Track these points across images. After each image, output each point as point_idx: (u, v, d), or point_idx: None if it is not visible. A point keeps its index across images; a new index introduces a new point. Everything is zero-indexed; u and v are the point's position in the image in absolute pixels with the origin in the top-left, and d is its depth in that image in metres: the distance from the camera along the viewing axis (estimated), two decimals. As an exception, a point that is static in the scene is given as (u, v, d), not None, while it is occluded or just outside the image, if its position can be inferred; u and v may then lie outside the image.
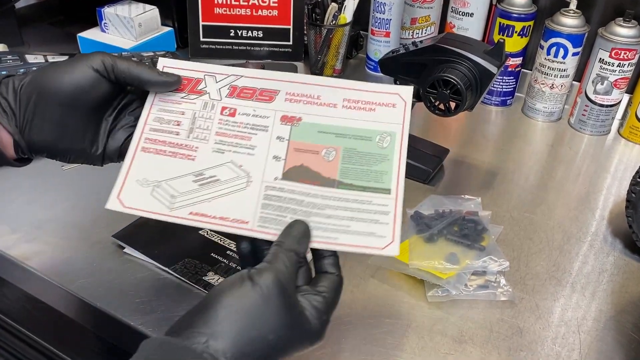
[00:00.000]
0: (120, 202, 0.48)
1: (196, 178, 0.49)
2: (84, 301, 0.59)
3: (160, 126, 0.51)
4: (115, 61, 0.48)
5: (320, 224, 0.47)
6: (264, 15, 1.08)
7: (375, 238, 0.47)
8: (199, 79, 0.52)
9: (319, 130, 0.51)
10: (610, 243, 0.71)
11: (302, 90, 0.52)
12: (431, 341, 0.57)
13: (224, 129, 0.51)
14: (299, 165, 0.50)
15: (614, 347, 0.57)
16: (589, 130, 0.94)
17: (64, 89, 0.46)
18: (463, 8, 0.95)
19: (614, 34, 0.85)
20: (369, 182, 0.49)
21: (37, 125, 0.47)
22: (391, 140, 0.51)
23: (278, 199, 0.48)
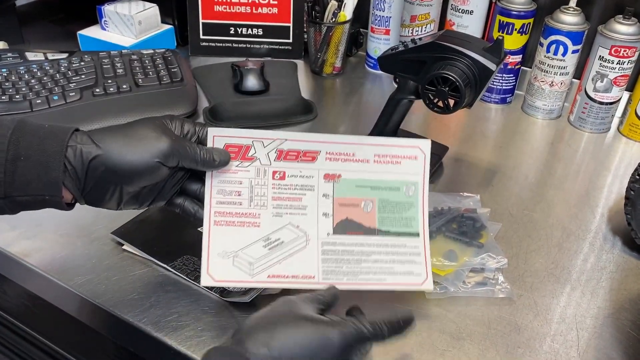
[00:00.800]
0: (211, 277, 0.54)
1: (265, 243, 0.55)
2: (83, 298, 0.60)
3: (224, 198, 0.56)
4: (181, 154, 0.51)
5: (370, 268, 0.56)
6: (264, 12, 1.08)
7: (414, 276, 0.56)
8: (248, 146, 0.56)
9: (356, 185, 0.58)
10: (609, 240, 0.71)
11: (339, 149, 0.58)
12: (429, 338, 0.57)
13: (277, 193, 0.56)
14: (344, 219, 0.57)
15: (612, 344, 0.57)
16: (589, 127, 0.94)
17: (129, 176, 0.50)
18: (463, 5, 0.95)
19: (614, 31, 0.85)
20: (402, 228, 0.57)
21: (97, 191, 0.50)
22: (415, 189, 0.58)
23: (333, 252, 0.56)
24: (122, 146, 0.50)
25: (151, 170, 0.50)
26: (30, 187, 0.47)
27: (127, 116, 0.83)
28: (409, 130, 0.85)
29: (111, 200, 0.51)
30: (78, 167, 0.48)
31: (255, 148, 0.56)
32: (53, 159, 0.47)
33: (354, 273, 0.56)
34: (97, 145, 0.49)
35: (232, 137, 0.56)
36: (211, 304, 0.59)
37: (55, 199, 0.48)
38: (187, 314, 0.57)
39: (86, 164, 0.48)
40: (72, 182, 0.49)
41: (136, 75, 0.90)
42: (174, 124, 0.54)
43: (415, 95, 0.75)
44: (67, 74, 0.88)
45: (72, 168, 0.48)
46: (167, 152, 0.50)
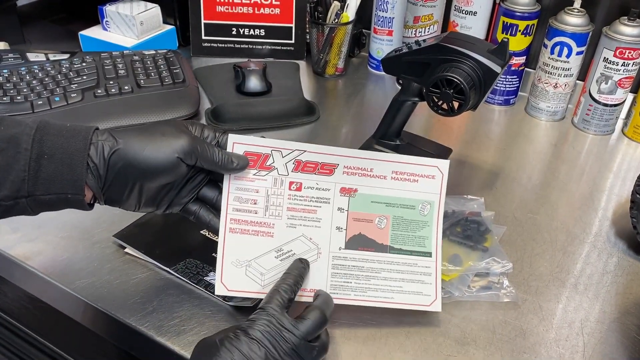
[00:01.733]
0: (225, 286, 0.54)
1: (277, 254, 0.55)
2: (85, 301, 0.59)
3: (240, 205, 0.55)
4: (200, 152, 0.51)
5: (378, 286, 0.56)
6: (266, 13, 1.07)
7: (423, 297, 0.56)
8: (267, 155, 0.56)
9: (372, 201, 0.57)
10: (614, 244, 0.70)
11: (357, 163, 0.57)
12: (434, 343, 0.56)
13: (293, 203, 0.56)
14: (357, 234, 0.57)
15: (617, 349, 0.57)
16: (593, 129, 0.94)
17: (147, 171, 0.50)
18: (466, 6, 0.95)
19: (619, 32, 0.85)
20: (414, 247, 0.57)
21: (116, 188, 0.50)
22: (430, 209, 0.58)
23: (343, 267, 0.56)
24: (142, 141, 0.50)
25: (171, 166, 0.50)
26: (53, 185, 0.48)
27: (129, 117, 0.83)
28: (412, 132, 0.85)
29: (130, 198, 0.51)
30: (100, 163, 0.49)
31: (274, 157, 0.56)
32: (76, 157, 0.48)
33: (362, 289, 0.56)
34: (117, 140, 0.49)
35: (251, 145, 0.55)
36: (214, 308, 0.58)
37: (77, 198, 0.49)
38: (189, 318, 0.57)
39: (107, 159, 0.49)
40: (94, 180, 0.49)
41: (138, 76, 0.89)
42: (194, 127, 0.54)
43: (419, 98, 0.75)
44: (69, 75, 0.87)
45: (94, 165, 0.48)
46: (187, 149, 0.50)
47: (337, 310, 0.58)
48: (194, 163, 0.52)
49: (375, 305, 0.56)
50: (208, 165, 0.53)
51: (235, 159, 0.54)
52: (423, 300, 0.56)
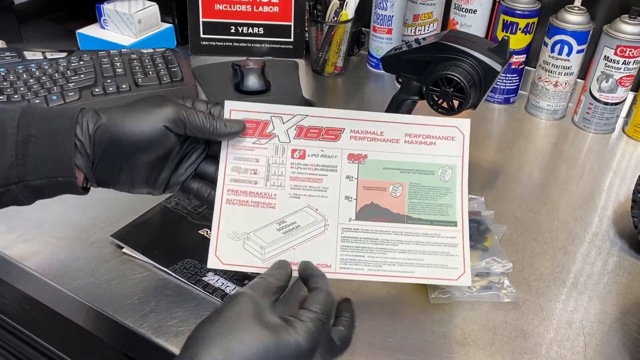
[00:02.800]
0: (219, 260, 0.51)
1: (279, 226, 0.52)
2: (82, 302, 0.59)
3: (238, 176, 0.52)
4: (188, 119, 0.49)
5: (396, 259, 0.52)
6: (264, 11, 1.07)
7: (448, 270, 0.52)
8: (266, 121, 0.52)
9: (384, 167, 0.53)
10: (615, 243, 0.70)
11: (365, 127, 0.53)
12: (434, 343, 0.56)
13: (296, 172, 0.52)
14: (369, 203, 0.52)
15: (619, 349, 0.56)
16: (593, 128, 0.93)
17: (134, 143, 0.48)
18: (466, 5, 0.94)
19: (619, 31, 0.84)
20: (436, 216, 0.53)
21: (105, 165, 0.49)
22: (452, 173, 0.54)
23: (355, 239, 0.52)
24: (126, 114, 0.48)
25: (157, 137, 0.48)
26: (42, 168, 0.46)
27: (127, 116, 0.82)
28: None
29: (121, 176, 0.50)
30: (86, 141, 0.47)
31: (274, 124, 0.52)
32: (64, 137, 0.47)
33: (377, 263, 0.51)
34: (100, 116, 0.48)
35: (249, 112, 0.52)
36: (212, 309, 0.57)
37: (69, 180, 0.47)
38: (188, 319, 0.56)
39: (92, 136, 0.47)
40: (83, 159, 0.48)
41: (136, 75, 0.89)
42: (185, 100, 0.52)
43: (418, 96, 0.74)
44: (66, 74, 0.87)
45: (80, 143, 0.47)
46: (172, 117, 0.48)
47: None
48: (184, 132, 0.50)
49: (393, 280, 0.51)
50: (198, 133, 0.50)
51: (229, 123, 0.51)
52: (449, 274, 0.52)
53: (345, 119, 0.53)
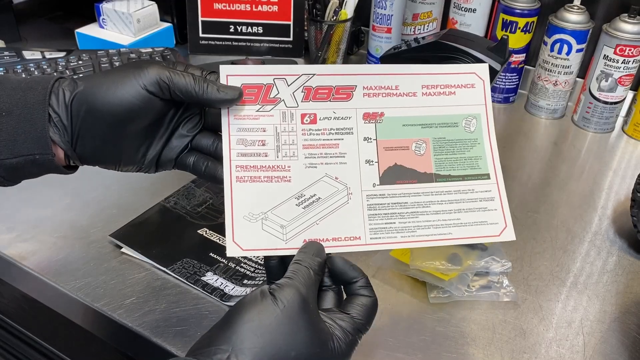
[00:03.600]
0: (238, 246, 0.45)
1: (298, 201, 0.47)
2: (81, 302, 0.59)
3: (245, 149, 0.47)
4: (172, 80, 0.43)
5: (430, 222, 0.48)
6: (264, 11, 1.07)
7: (489, 226, 0.48)
8: (269, 85, 0.47)
9: (403, 124, 0.49)
10: (614, 243, 0.70)
11: (378, 82, 0.49)
12: (433, 343, 0.56)
13: (309, 140, 0.48)
14: (392, 165, 0.48)
15: (618, 348, 0.56)
16: (593, 127, 0.93)
17: (113, 110, 0.43)
18: (465, 4, 0.94)
19: (619, 30, 0.84)
20: (466, 170, 0.49)
21: (87, 140, 0.44)
22: (477, 123, 0.50)
23: (382, 206, 0.47)
24: (105, 79, 0.43)
25: (139, 102, 0.43)
26: (17, 145, 0.42)
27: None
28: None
29: (105, 152, 0.45)
30: (62, 112, 0.43)
31: (278, 87, 0.47)
32: (37, 110, 0.42)
33: (410, 229, 0.47)
34: (77, 84, 0.43)
35: (248, 76, 0.47)
36: (212, 309, 0.58)
37: (47, 158, 0.43)
38: (186, 319, 0.56)
39: (69, 106, 0.43)
40: (59, 132, 0.43)
41: (135, 74, 0.89)
42: (176, 65, 0.46)
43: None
44: (65, 73, 0.86)
45: (56, 116, 0.43)
46: (154, 79, 0.43)
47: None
48: (169, 96, 0.44)
49: (431, 244, 0.47)
50: (186, 96, 0.44)
51: (224, 87, 0.45)
52: (490, 231, 0.48)
53: (356, 75, 0.48)
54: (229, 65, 0.47)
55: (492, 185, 0.49)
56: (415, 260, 0.61)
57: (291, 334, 0.38)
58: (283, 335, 0.38)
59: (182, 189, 0.72)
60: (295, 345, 0.38)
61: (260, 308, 0.39)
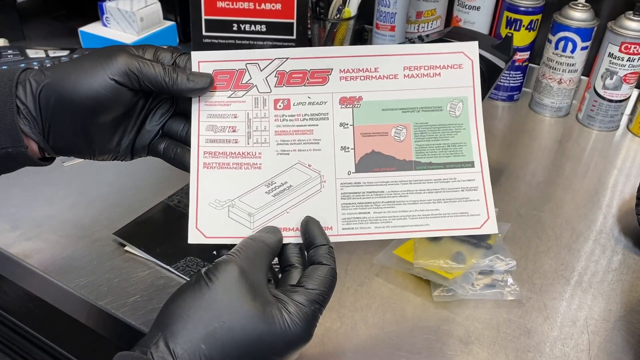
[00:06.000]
0: (201, 233, 0.44)
1: (268, 188, 0.46)
2: (85, 300, 0.59)
3: (215, 135, 0.46)
4: (141, 71, 0.43)
5: (406, 212, 0.45)
6: (267, 9, 1.06)
7: (469, 217, 0.45)
8: (241, 70, 0.46)
9: (383, 108, 0.46)
10: (619, 241, 0.70)
11: (356, 64, 0.46)
12: (437, 342, 0.55)
13: (282, 126, 0.46)
14: (369, 152, 0.46)
15: (623, 347, 0.56)
16: (598, 125, 0.93)
17: (82, 102, 0.42)
18: (469, 2, 0.94)
19: (624, 27, 0.84)
20: (449, 158, 0.46)
21: (58, 131, 0.43)
22: (463, 107, 0.46)
23: (356, 195, 0.45)
24: (72, 68, 0.42)
25: (107, 93, 0.42)
26: None
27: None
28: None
29: (78, 143, 0.44)
30: (30, 104, 0.42)
31: (250, 73, 0.46)
32: (3, 102, 0.41)
33: (385, 219, 0.45)
34: (44, 74, 0.42)
35: (220, 62, 0.46)
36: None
37: (20, 151, 0.42)
38: (190, 317, 0.56)
39: (37, 97, 0.42)
40: (30, 124, 0.42)
41: (138, 73, 0.89)
42: (145, 51, 0.45)
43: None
44: (69, 72, 0.86)
45: (25, 107, 0.42)
46: (122, 69, 0.42)
47: (338, 308, 0.58)
48: (138, 86, 0.43)
49: (406, 236, 0.45)
50: (156, 87, 0.43)
51: (194, 76, 0.44)
52: (471, 222, 0.45)
53: (333, 57, 0.46)
54: (201, 51, 0.45)
55: (477, 174, 0.46)
56: (419, 258, 0.60)
57: (226, 310, 0.37)
58: (216, 312, 0.37)
59: (185, 187, 0.72)
60: (233, 321, 0.37)
61: (192, 289, 0.39)
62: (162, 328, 0.37)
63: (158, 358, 0.36)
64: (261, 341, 0.38)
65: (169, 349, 0.36)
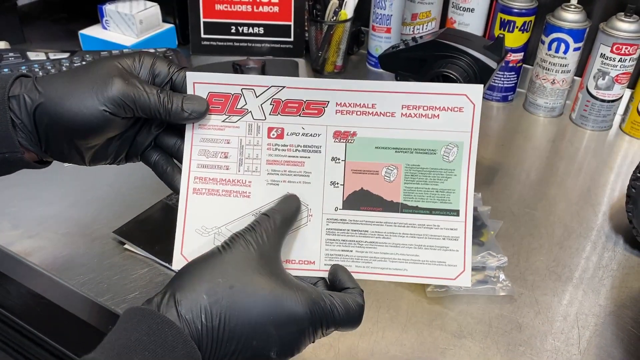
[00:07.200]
0: (185, 259, 0.45)
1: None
2: (85, 297, 0.60)
3: (207, 160, 0.46)
4: (134, 100, 0.42)
5: (387, 254, 0.46)
6: (264, 11, 1.08)
7: (446, 267, 0.45)
8: (236, 95, 0.45)
9: (376, 146, 0.46)
10: (610, 238, 0.71)
11: (354, 98, 0.45)
12: (430, 336, 0.57)
13: (274, 155, 0.46)
14: (358, 190, 0.46)
15: (613, 341, 0.57)
16: (591, 125, 0.94)
17: (75, 127, 0.42)
18: (464, 4, 0.95)
19: (615, 28, 0.85)
20: (435, 204, 0.46)
21: (54, 145, 0.44)
22: (458, 152, 0.45)
23: (341, 232, 0.46)
24: (65, 92, 0.42)
25: (99, 122, 0.42)
26: None
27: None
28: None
29: (73, 155, 0.45)
30: (25, 120, 0.42)
31: (246, 98, 0.45)
32: None
33: (365, 259, 0.46)
34: (39, 92, 0.42)
35: (216, 85, 0.45)
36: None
37: (16, 156, 0.42)
38: (188, 313, 0.57)
39: (31, 115, 0.42)
40: (27, 137, 0.43)
41: (137, 75, 0.90)
42: (142, 62, 0.44)
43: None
44: (69, 74, 0.88)
45: (20, 122, 0.42)
46: (115, 99, 0.41)
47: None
48: (132, 115, 0.43)
49: (384, 279, 0.46)
50: (150, 116, 0.43)
51: (189, 104, 0.44)
52: (447, 273, 0.45)
53: (330, 90, 0.45)
54: (197, 72, 0.45)
55: (460, 223, 0.46)
56: (413, 255, 0.61)
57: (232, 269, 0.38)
58: (221, 270, 0.38)
59: (184, 187, 0.73)
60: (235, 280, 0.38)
61: (204, 255, 0.40)
62: (170, 285, 0.39)
63: (163, 307, 0.37)
64: (258, 305, 0.38)
65: (173, 298, 0.37)
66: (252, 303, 0.38)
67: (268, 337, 0.38)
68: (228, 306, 0.37)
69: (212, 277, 0.38)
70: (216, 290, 0.38)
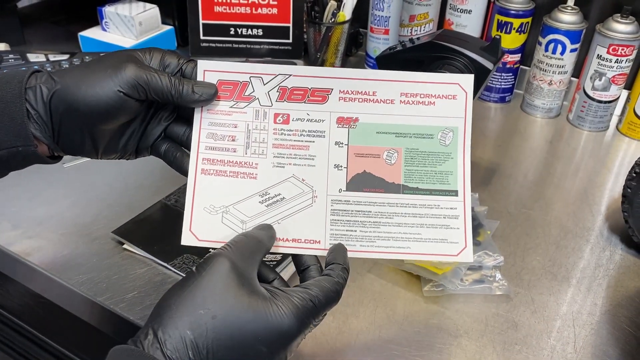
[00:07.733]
0: (194, 235, 0.46)
1: (262, 198, 0.48)
2: (85, 296, 0.60)
3: (215, 143, 0.48)
4: (149, 83, 0.44)
5: (390, 234, 0.47)
6: (263, 13, 1.08)
7: (448, 244, 0.48)
8: (245, 82, 0.48)
9: (377, 131, 0.48)
10: (607, 238, 0.71)
11: (356, 87, 0.48)
12: (427, 335, 0.57)
13: (280, 139, 0.48)
14: (361, 172, 0.48)
15: (608, 340, 0.57)
16: (588, 126, 0.94)
17: (90, 111, 0.44)
18: (461, 5, 0.96)
19: (612, 30, 0.86)
20: (435, 185, 0.48)
21: (67, 135, 0.45)
22: (454, 137, 0.48)
23: (345, 212, 0.48)
24: (81, 77, 0.44)
25: (114, 104, 0.44)
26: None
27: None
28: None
29: (85, 145, 0.46)
30: (41, 109, 0.43)
31: (254, 85, 0.48)
32: (13, 104, 0.43)
33: (369, 238, 0.47)
34: (55, 81, 0.44)
35: (226, 73, 0.47)
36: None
37: (30, 150, 0.44)
38: (186, 312, 0.58)
39: (48, 103, 0.43)
40: (40, 128, 0.44)
41: (137, 76, 0.90)
42: (152, 55, 0.47)
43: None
44: (68, 75, 0.88)
45: (35, 112, 0.43)
46: (130, 81, 0.43)
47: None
48: (145, 97, 0.45)
49: (388, 257, 0.48)
50: (162, 98, 0.45)
51: (199, 87, 0.46)
52: (449, 249, 0.47)
53: (334, 78, 0.48)
54: (208, 61, 0.47)
55: (459, 203, 0.48)
56: (410, 255, 0.62)
57: (211, 298, 0.39)
58: (200, 300, 0.39)
59: (183, 187, 0.74)
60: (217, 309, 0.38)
61: (181, 282, 0.40)
62: (151, 320, 0.39)
63: (148, 347, 0.37)
64: (245, 329, 0.38)
65: (157, 337, 0.38)
66: (237, 330, 0.38)
67: (260, 355, 0.39)
68: (214, 337, 0.38)
69: (193, 310, 0.38)
70: (199, 324, 0.38)
